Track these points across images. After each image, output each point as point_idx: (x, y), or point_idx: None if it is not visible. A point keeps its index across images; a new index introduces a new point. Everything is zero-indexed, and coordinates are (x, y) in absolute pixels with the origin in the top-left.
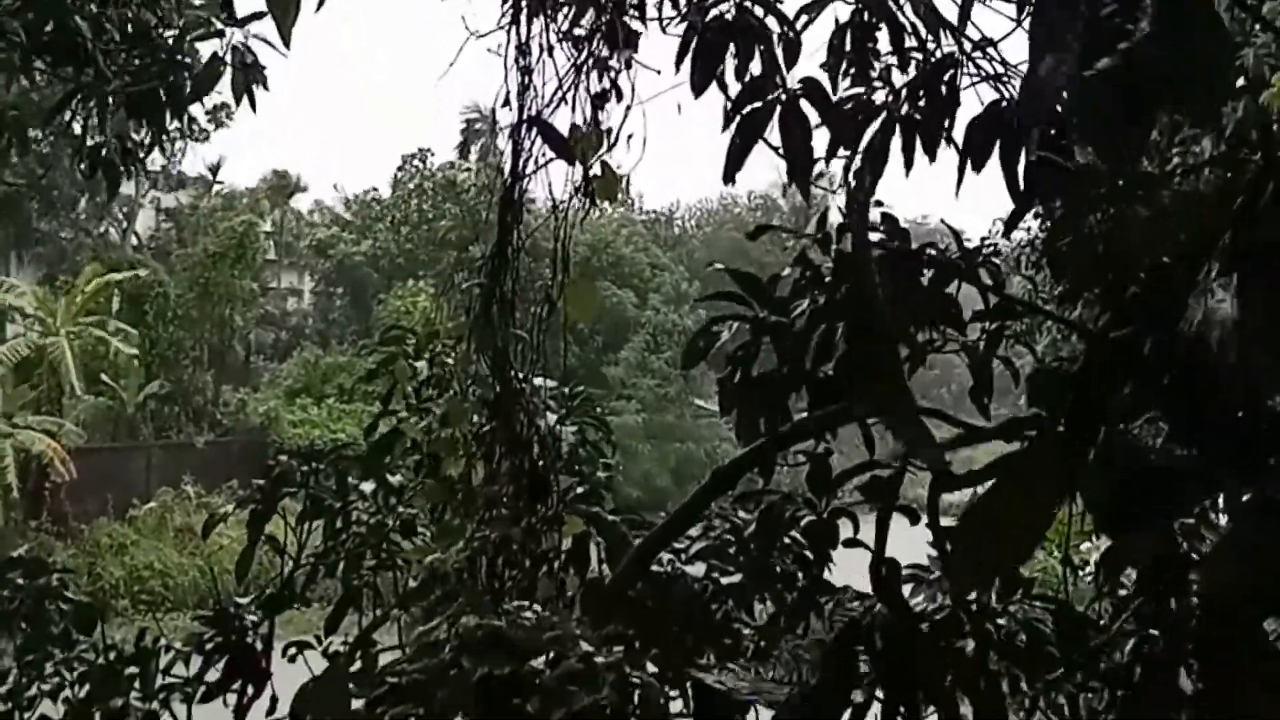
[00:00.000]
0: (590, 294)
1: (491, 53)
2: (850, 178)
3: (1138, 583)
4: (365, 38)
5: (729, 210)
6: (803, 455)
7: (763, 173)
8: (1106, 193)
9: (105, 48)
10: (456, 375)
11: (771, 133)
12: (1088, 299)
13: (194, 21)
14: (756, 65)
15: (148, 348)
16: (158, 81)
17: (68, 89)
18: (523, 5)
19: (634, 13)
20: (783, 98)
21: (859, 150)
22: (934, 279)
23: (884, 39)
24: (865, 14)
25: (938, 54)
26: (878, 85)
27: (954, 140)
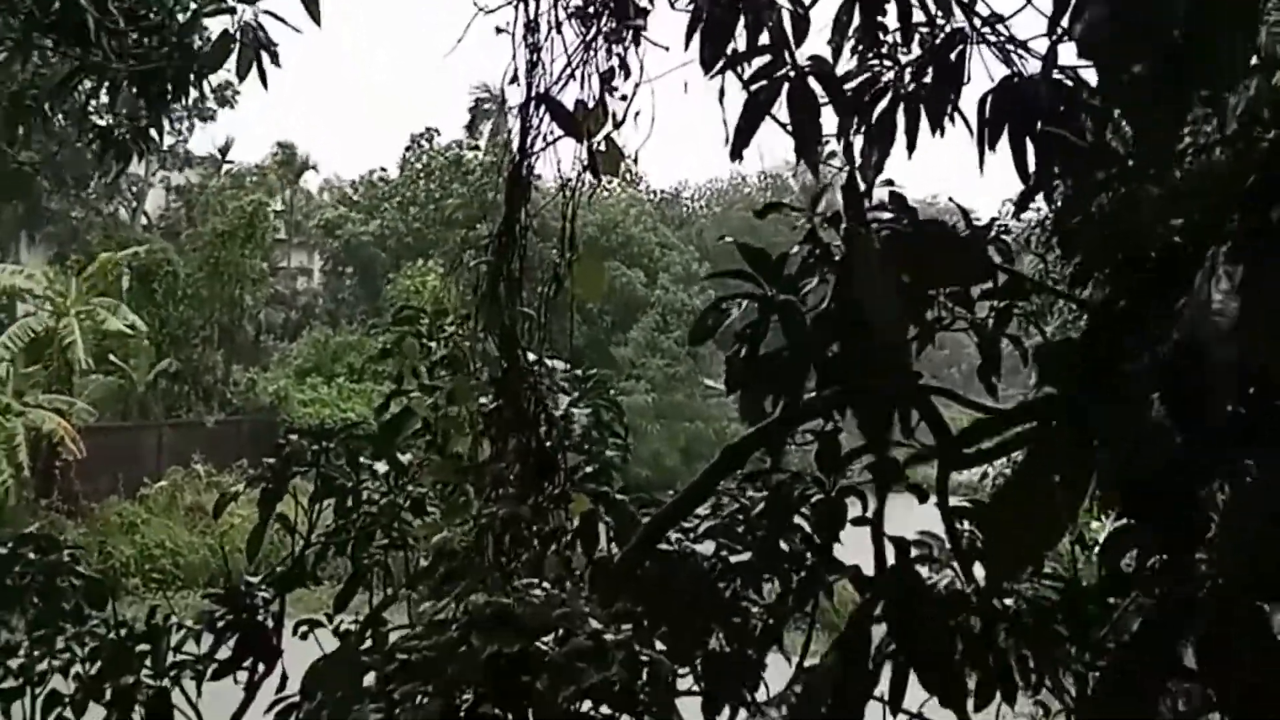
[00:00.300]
0: (598, 272)
1: (501, 31)
2: (856, 154)
3: (1139, 562)
4: (374, 18)
5: (738, 190)
6: (811, 434)
7: (774, 152)
8: (1117, 172)
9: (111, 26)
10: (466, 354)
11: (780, 110)
12: (1098, 279)
13: None
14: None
15: (158, 327)
16: (165, 62)
17: (72, 66)
18: None
19: None
20: (790, 75)
21: (865, 128)
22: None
23: (892, 13)
24: None
25: (946, 29)
26: (886, 66)
27: (964, 116)
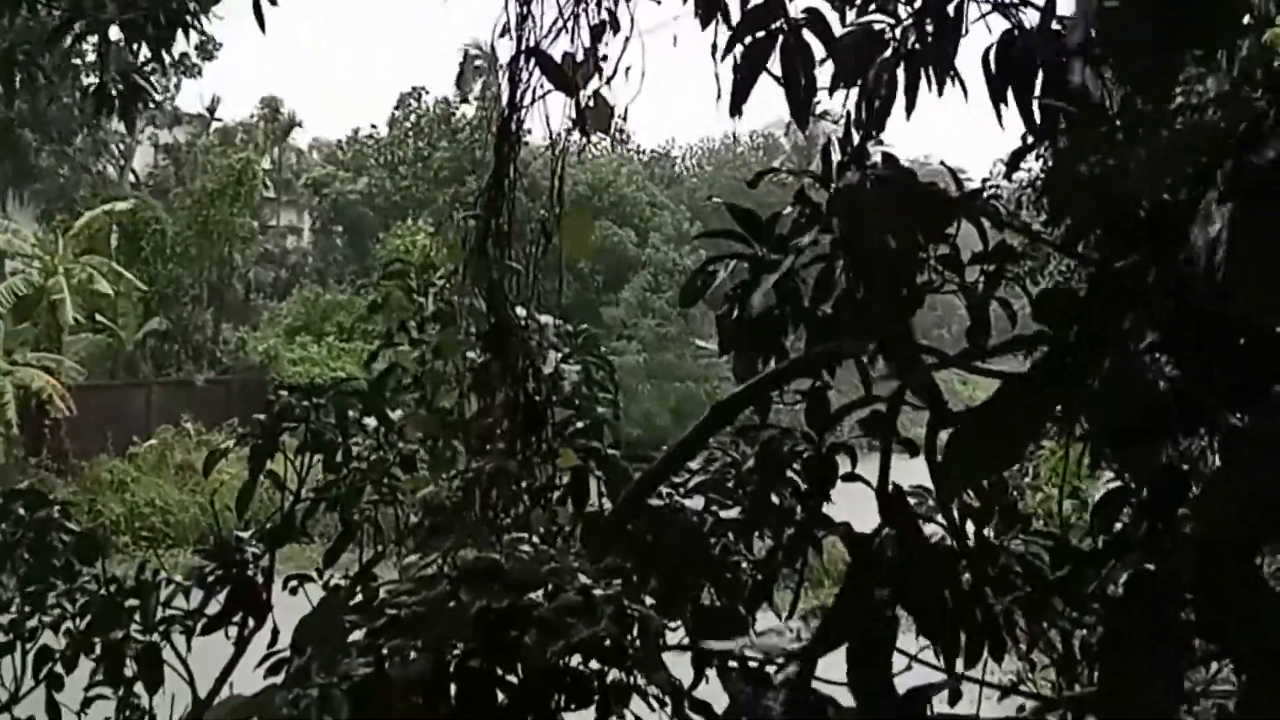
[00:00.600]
0: (586, 227)
1: None
2: (851, 111)
3: (1133, 516)
4: None
5: (730, 149)
6: (800, 393)
7: (765, 112)
8: (1109, 130)
9: None
10: (455, 309)
11: (776, 66)
12: (1090, 241)
13: None
14: None
15: (147, 285)
16: (156, 7)
17: (64, 16)
18: None
19: None
20: (784, 27)
21: (861, 83)
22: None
23: None
24: None
25: None
26: (885, 21)
27: (960, 77)
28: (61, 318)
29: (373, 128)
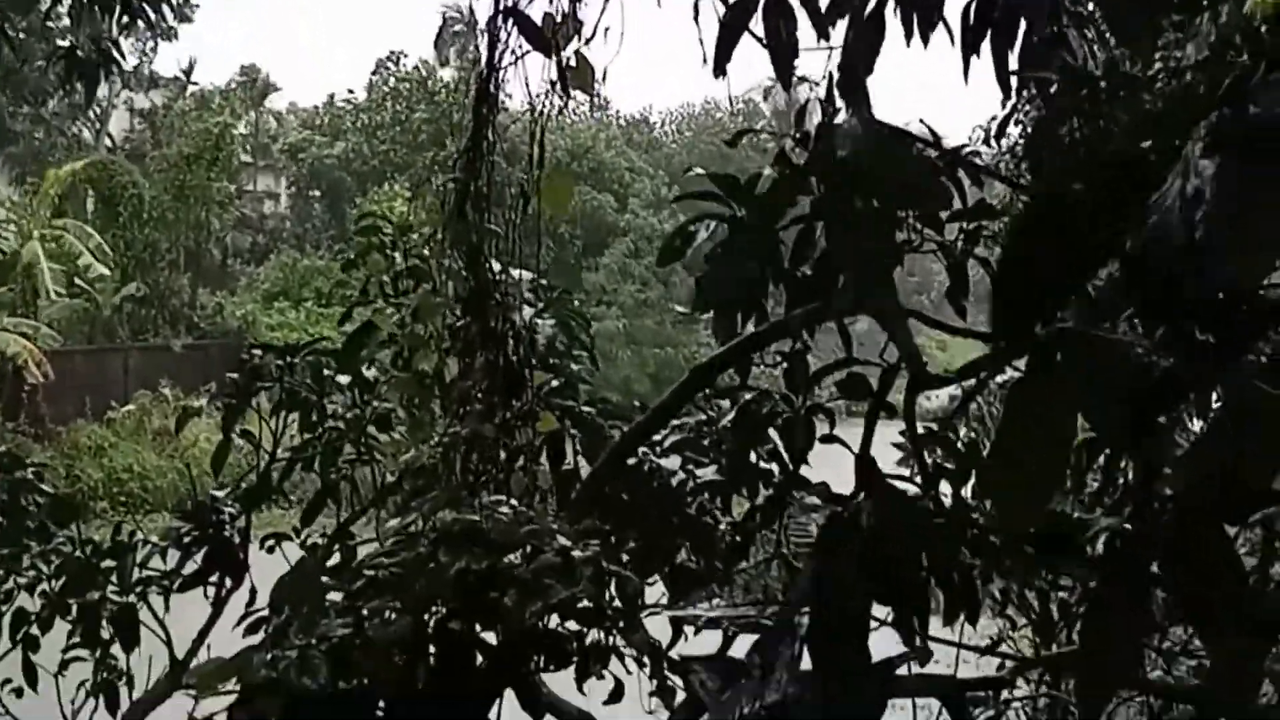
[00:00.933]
0: (565, 187)
1: None
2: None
3: (1105, 479)
4: None
5: (711, 115)
6: (780, 355)
7: (748, 73)
8: (1090, 92)
9: None
10: (432, 269)
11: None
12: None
13: None
14: None
15: (123, 250)
16: None
17: None
18: None
19: None
20: None
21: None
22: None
23: None
24: None
25: None
26: None
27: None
28: (39, 283)
29: (350, 92)
